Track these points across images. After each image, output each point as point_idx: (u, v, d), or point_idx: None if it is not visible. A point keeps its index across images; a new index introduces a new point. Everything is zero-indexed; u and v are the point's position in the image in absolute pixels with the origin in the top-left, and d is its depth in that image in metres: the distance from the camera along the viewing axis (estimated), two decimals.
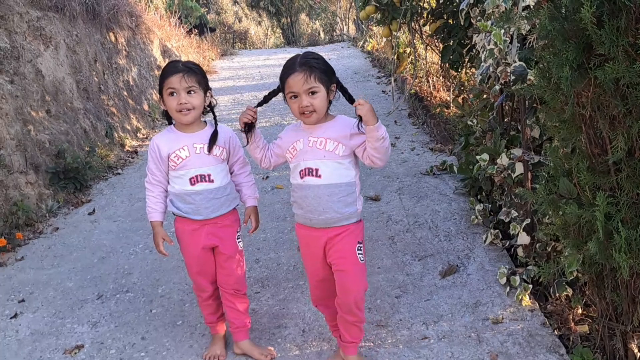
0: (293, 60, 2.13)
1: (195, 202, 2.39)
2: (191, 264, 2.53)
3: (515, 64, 2.71)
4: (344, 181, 2.17)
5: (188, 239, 2.48)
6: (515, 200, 2.98)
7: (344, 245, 2.22)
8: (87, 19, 6.51)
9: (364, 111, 2.01)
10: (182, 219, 2.46)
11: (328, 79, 2.10)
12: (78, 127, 5.68)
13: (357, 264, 2.24)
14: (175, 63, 2.36)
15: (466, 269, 3.12)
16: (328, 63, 2.16)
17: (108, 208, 4.79)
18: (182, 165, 2.37)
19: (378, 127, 2.03)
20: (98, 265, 3.73)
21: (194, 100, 2.32)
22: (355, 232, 2.24)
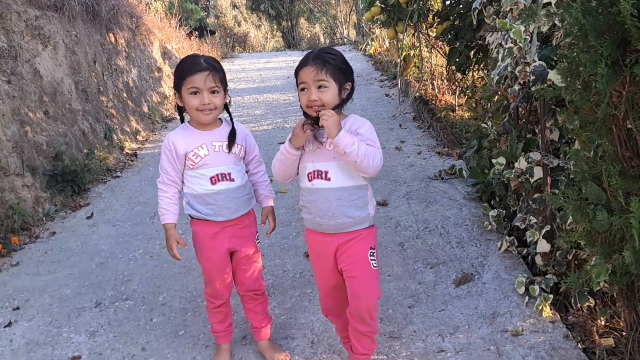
0: (309, 54, 2.04)
1: (217, 203, 2.28)
2: (211, 269, 2.40)
3: (535, 63, 2.59)
4: (355, 184, 2.06)
5: (209, 243, 2.35)
6: (533, 206, 2.85)
7: (356, 250, 2.11)
8: (86, 19, 6.38)
9: (327, 123, 1.91)
10: (201, 221, 2.33)
11: (343, 76, 2.01)
12: (76, 129, 5.55)
13: (369, 271, 2.12)
14: (197, 59, 2.23)
15: (481, 277, 2.99)
16: (346, 61, 2.05)
17: (107, 212, 4.66)
18: (201, 164, 2.25)
19: (337, 141, 1.92)
20: (96, 272, 3.60)
21: (216, 101, 2.21)
22: (368, 237, 2.13)
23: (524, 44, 2.54)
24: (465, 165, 4.70)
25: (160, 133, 7.29)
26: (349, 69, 2.04)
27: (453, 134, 5.45)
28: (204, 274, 2.46)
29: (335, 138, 1.91)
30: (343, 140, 1.91)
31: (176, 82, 2.24)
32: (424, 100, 6.58)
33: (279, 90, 9.27)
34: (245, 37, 18.65)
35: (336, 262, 2.16)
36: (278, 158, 2.13)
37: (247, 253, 2.41)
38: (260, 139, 6.45)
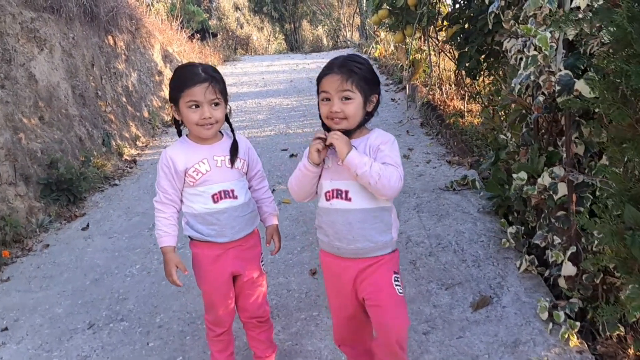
0: (334, 60, 1.87)
1: (220, 222, 2.09)
2: (213, 294, 2.21)
3: (561, 72, 2.40)
4: (378, 205, 1.87)
5: (210, 266, 2.16)
6: (556, 224, 2.65)
7: (379, 277, 1.92)
8: (84, 21, 6.20)
9: (336, 142, 1.78)
10: (202, 243, 2.14)
11: (369, 87, 1.84)
12: (73, 135, 5.36)
13: (395, 298, 1.92)
14: (194, 69, 2.04)
15: (500, 300, 2.79)
16: (373, 71, 1.87)
17: (103, 223, 4.47)
18: (202, 181, 2.07)
19: (347, 163, 1.77)
20: (90, 289, 3.41)
21: (217, 114, 2.04)
22: (390, 262, 1.94)
23: (549, 52, 2.35)
24: (478, 175, 4.51)
25: (160, 139, 7.11)
26: (375, 80, 1.87)
27: (463, 141, 5.25)
28: (204, 300, 2.27)
29: (345, 159, 1.76)
30: (353, 161, 1.76)
31: (173, 94, 2.06)
32: (432, 106, 6.38)
33: (281, 95, 9.08)
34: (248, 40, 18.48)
35: (355, 290, 1.96)
36: (295, 175, 1.95)
37: (252, 277, 2.22)
38: (263, 145, 6.26)
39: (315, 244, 3.67)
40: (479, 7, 5.15)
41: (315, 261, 3.43)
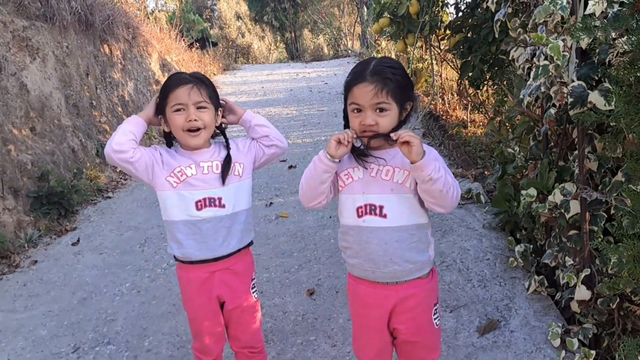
0: (365, 65, 1.64)
1: (202, 233, 1.90)
2: (199, 321, 2.04)
3: (574, 83, 2.25)
4: (416, 222, 1.67)
5: (196, 291, 1.99)
6: (568, 244, 2.50)
7: (421, 313, 1.74)
8: (79, 30, 6.08)
9: (414, 141, 1.52)
10: (187, 266, 1.97)
11: (403, 95, 1.62)
12: (65, 146, 5.22)
13: (432, 332, 1.79)
14: (179, 74, 1.93)
15: (508, 324, 2.63)
16: (407, 74, 1.66)
17: (94, 237, 4.31)
18: (185, 184, 1.89)
19: (423, 164, 1.53)
20: (77, 309, 3.25)
21: (205, 117, 1.88)
22: (432, 293, 1.77)
23: (562, 62, 2.20)
24: (482, 189, 4.36)
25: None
26: (410, 85, 1.66)
27: (467, 152, 5.10)
28: (190, 326, 2.11)
29: (421, 160, 1.52)
30: (430, 164, 1.53)
31: (160, 104, 1.91)
32: (434, 116, 6.24)
33: (281, 104, 8.95)
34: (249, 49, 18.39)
35: (389, 321, 1.77)
36: (306, 170, 1.73)
37: (240, 305, 2.04)
38: None
39: (313, 262, 3.51)
40: (483, 15, 5.02)
41: (313, 280, 3.27)
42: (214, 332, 2.06)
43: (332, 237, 3.84)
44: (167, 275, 3.55)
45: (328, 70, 11.73)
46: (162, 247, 4.00)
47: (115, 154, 1.83)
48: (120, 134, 1.86)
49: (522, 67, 2.86)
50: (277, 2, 16.88)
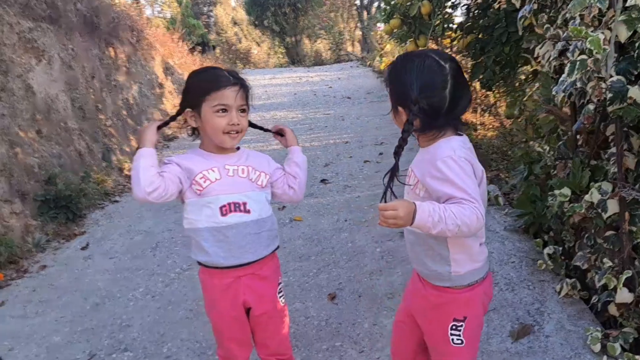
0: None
1: (228, 240, 1.81)
2: (223, 328, 1.95)
3: (613, 78, 2.17)
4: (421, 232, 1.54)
5: (220, 296, 1.90)
6: (605, 245, 2.42)
7: (434, 318, 1.68)
8: (84, 32, 5.99)
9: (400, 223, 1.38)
10: (212, 270, 1.88)
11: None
12: (72, 150, 5.13)
13: (449, 347, 1.66)
14: (220, 71, 1.84)
15: (542, 328, 2.54)
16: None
17: (104, 242, 4.21)
18: (209, 190, 1.80)
19: (417, 226, 1.40)
20: (91, 314, 3.15)
21: (244, 121, 1.84)
22: (455, 303, 1.62)
23: (603, 55, 2.12)
24: (499, 190, 4.28)
25: (161, 153, 6.85)
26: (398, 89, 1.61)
27: (479, 155, 5.02)
28: (214, 332, 2.02)
29: (413, 225, 1.39)
30: (424, 224, 1.39)
31: (194, 98, 1.81)
32: None
33: (285, 108, 8.88)
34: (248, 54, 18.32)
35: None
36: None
37: (266, 310, 1.95)
38: None
39: (332, 265, 3.42)
40: (495, 16, 4.96)
41: (334, 284, 3.18)
42: (239, 338, 1.97)
43: (349, 241, 3.76)
44: (182, 280, 3.46)
45: (331, 74, 11.67)
46: (174, 251, 3.90)
47: (150, 195, 1.69)
48: (144, 173, 1.69)
49: (549, 64, 2.79)
50: (278, 7, 16.82)
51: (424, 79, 1.51)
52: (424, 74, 1.52)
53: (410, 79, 1.52)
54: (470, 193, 1.43)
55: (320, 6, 18.00)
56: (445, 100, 1.52)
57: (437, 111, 1.52)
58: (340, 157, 5.89)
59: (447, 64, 1.54)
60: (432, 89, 1.51)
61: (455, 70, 1.55)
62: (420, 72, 1.52)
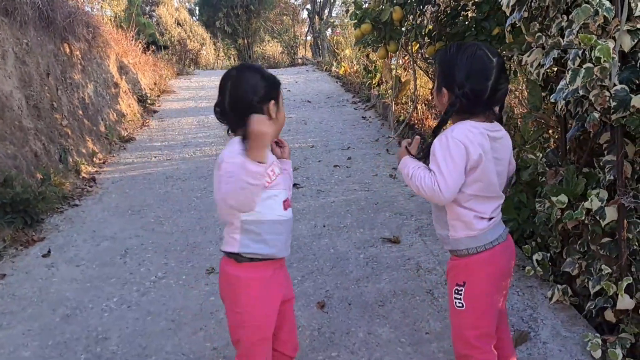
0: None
1: (285, 233, 1.86)
2: (267, 325, 1.85)
3: (617, 87, 2.20)
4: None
5: (265, 292, 1.82)
6: (601, 252, 2.44)
7: (448, 281, 1.95)
8: (39, 27, 5.68)
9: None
10: (253, 264, 1.80)
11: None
12: (28, 150, 4.83)
13: (452, 310, 1.92)
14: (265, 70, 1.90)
15: (538, 335, 2.55)
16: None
17: (67, 248, 3.97)
18: (276, 183, 1.82)
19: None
20: (62, 326, 2.95)
21: None
22: (455, 269, 1.89)
23: (611, 64, 2.14)
24: None
25: (118, 155, 6.59)
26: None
27: None
28: (244, 338, 1.84)
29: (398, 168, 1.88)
30: (400, 170, 1.90)
31: (273, 93, 1.82)
32: (409, 125, 6.19)
33: None
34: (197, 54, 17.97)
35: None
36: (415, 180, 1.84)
37: (291, 299, 2.00)
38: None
39: (317, 273, 3.34)
40: (464, 24, 5.02)
41: (321, 292, 3.10)
42: (269, 337, 1.90)
43: (330, 247, 3.68)
44: (158, 288, 3.29)
45: (288, 77, 11.56)
46: (146, 258, 3.72)
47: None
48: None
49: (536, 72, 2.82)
50: (230, 8, 16.59)
51: (473, 68, 1.72)
52: (474, 64, 1.73)
53: (461, 65, 1.73)
54: (442, 169, 1.69)
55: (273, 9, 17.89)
56: (487, 89, 1.72)
57: (478, 98, 1.73)
58: (309, 162, 5.81)
59: (495, 59, 1.74)
60: (478, 78, 1.72)
61: (500, 66, 1.75)
62: (471, 61, 1.73)
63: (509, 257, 1.92)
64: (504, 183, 1.90)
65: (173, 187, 5.27)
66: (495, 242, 1.83)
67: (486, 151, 1.74)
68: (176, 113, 8.76)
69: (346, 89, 9.79)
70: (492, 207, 1.83)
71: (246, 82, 1.76)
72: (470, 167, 1.72)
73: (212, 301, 3.09)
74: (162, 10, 19.49)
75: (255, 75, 1.78)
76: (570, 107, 2.52)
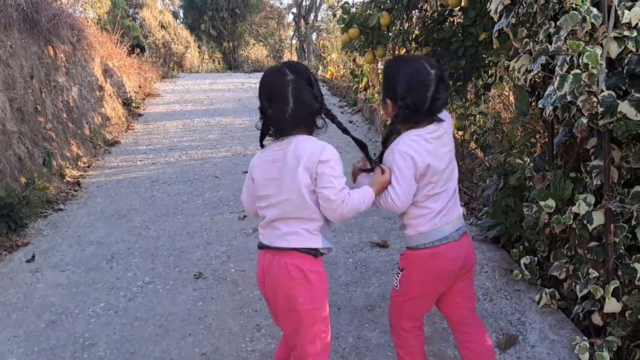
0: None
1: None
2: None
3: (604, 93, 2.23)
4: None
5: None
6: (588, 256, 2.47)
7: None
8: (23, 29, 5.61)
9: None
10: (322, 258, 1.93)
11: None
12: (11, 154, 4.77)
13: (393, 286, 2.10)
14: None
15: (526, 338, 2.57)
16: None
17: (52, 253, 3.92)
18: None
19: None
20: (48, 333, 2.91)
21: None
22: (402, 256, 2.07)
23: (598, 70, 2.17)
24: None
25: (103, 159, 6.53)
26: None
27: None
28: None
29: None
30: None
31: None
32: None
33: (231, 114, 8.68)
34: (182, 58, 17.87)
35: None
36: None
37: None
38: (222, 167, 5.88)
39: None
40: (451, 29, 5.05)
41: None
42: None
43: None
44: (145, 294, 3.26)
45: None
46: (133, 263, 3.69)
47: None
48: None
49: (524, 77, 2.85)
50: (215, 11, 16.55)
51: (413, 81, 1.86)
52: (414, 77, 1.86)
53: (401, 79, 1.87)
54: (392, 183, 1.86)
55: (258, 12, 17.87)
56: (427, 100, 1.86)
57: (419, 109, 1.86)
58: None
59: (433, 71, 1.88)
60: (418, 90, 1.85)
61: (438, 77, 1.89)
62: (410, 75, 1.87)
63: (459, 258, 1.99)
64: (454, 165, 2.00)
65: (159, 191, 5.23)
66: (444, 240, 1.94)
67: (431, 152, 1.88)
68: (161, 116, 8.71)
69: (333, 92, 9.80)
70: (446, 200, 1.96)
71: (304, 88, 1.81)
72: (420, 174, 1.87)
73: (200, 306, 3.08)
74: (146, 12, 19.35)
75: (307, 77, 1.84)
76: (558, 112, 2.54)
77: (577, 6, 2.26)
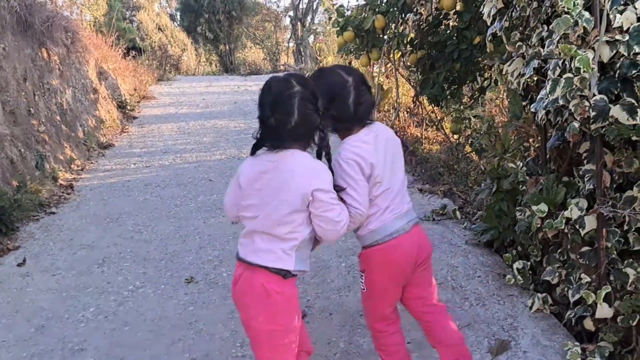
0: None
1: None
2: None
3: (596, 97, 2.22)
4: None
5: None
6: (580, 261, 2.45)
7: None
8: (17, 31, 5.59)
9: None
10: (294, 279, 1.92)
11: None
12: (3, 157, 4.74)
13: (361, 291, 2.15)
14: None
15: (518, 344, 2.55)
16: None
17: (43, 257, 3.89)
18: None
19: None
20: (37, 337, 2.88)
21: None
22: (360, 258, 2.12)
23: (590, 74, 2.16)
24: (453, 203, 4.34)
25: (97, 162, 6.50)
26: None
27: (431, 168, 5.09)
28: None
29: None
30: None
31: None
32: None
33: (227, 117, 8.67)
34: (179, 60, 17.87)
35: None
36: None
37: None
38: (216, 170, 5.86)
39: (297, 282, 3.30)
40: (446, 33, 5.05)
41: (302, 302, 3.07)
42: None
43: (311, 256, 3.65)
44: (136, 298, 3.24)
45: None
46: (124, 267, 3.66)
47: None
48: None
49: (516, 81, 2.84)
50: (212, 14, 16.54)
51: (332, 92, 1.89)
52: (331, 88, 1.90)
53: (322, 92, 1.82)
54: (349, 193, 1.86)
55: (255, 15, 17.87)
56: (350, 107, 1.91)
57: (345, 116, 1.92)
58: None
59: (350, 77, 1.93)
60: (338, 100, 1.90)
61: (357, 82, 1.93)
62: (329, 87, 1.89)
63: (412, 248, 2.03)
64: (399, 160, 2.06)
65: (152, 194, 5.21)
66: (395, 233, 1.98)
67: (372, 152, 1.91)
68: (156, 119, 8.69)
69: None
70: (392, 195, 2.00)
71: (310, 101, 1.76)
72: (367, 176, 1.91)
73: (191, 311, 3.05)
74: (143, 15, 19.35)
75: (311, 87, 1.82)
76: (551, 116, 2.53)
77: (570, 10, 2.25)
